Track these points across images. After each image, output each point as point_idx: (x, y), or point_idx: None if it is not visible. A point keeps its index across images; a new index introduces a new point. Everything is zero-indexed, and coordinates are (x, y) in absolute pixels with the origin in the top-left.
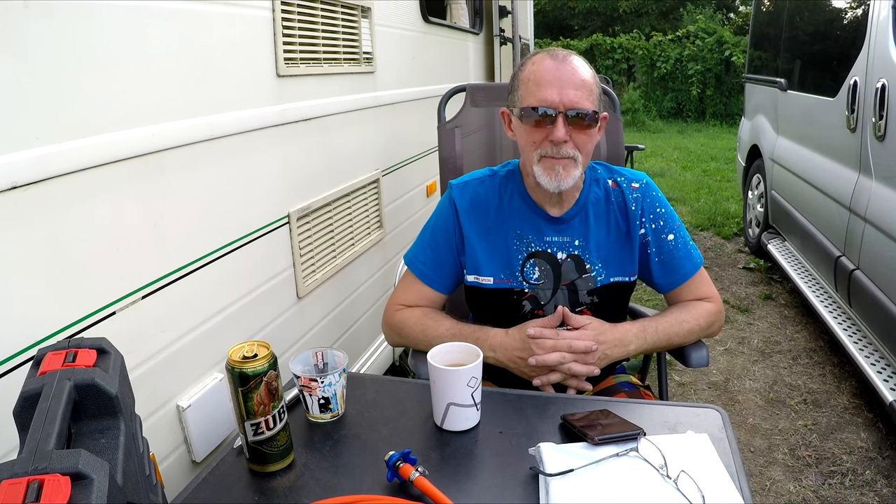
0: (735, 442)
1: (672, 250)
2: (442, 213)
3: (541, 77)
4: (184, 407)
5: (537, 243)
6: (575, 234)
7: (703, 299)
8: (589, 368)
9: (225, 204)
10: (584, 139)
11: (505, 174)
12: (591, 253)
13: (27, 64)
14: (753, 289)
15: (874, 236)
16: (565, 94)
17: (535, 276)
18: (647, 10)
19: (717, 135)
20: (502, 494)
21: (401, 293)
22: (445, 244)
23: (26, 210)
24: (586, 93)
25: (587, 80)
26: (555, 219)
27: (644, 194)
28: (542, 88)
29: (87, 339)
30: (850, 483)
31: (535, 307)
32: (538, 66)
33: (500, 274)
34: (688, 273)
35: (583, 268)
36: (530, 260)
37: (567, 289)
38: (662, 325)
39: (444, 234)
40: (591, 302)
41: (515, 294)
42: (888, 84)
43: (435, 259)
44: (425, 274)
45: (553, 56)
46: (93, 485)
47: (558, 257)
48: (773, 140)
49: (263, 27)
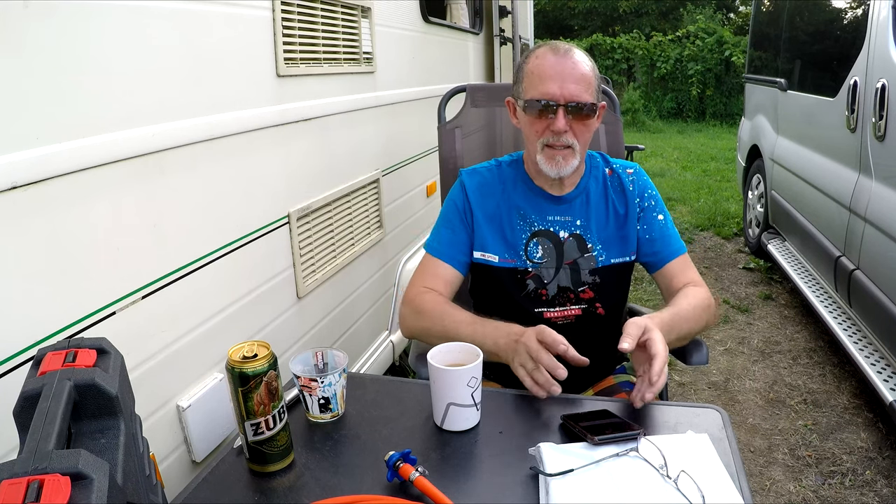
0: (735, 442)
1: (662, 228)
2: (454, 195)
3: (543, 71)
4: (184, 407)
5: (540, 222)
6: (576, 214)
7: (691, 283)
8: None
9: (225, 204)
10: (582, 129)
11: (508, 163)
12: (592, 233)
13: (27, 64)
14: (753, 289)
15: (874, 236)
16: (566, 87)
17: (539, 254)
18: (647, 10)
19: (717, 135)
20: (502, 494)
21: (419, 276)
22: (460, 221)
23: (26, 210)
24: (585, 86)
25: (587, 73)
26: (556, 198)
27: (638, 177)
28: (545, 82)
29: (87, 339)
30: (850, 483)
31: (539, 286)
32: (541, 59)
33: (505, 254)
34: (676, 251)
35: (584, 247)
36: (534, 239)
37: (569, 267)
38: (674, 314)
39: (456, 212)
40: (594, 282)
41: (519, 273)
42: (888, 84)
43: (450, 237)
44: (442, 252)
45: (555, 50)
46: (93, 485)
47: (560, 236)
48: (773, 140)
49: (263, 27)
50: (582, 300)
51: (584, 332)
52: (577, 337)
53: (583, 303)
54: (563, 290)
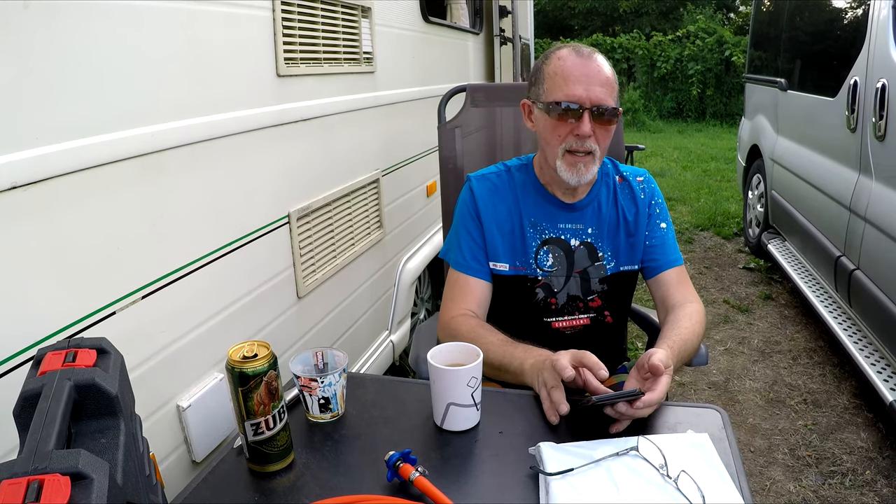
0: (735, 442)
1: (663, 236)
2: (464, 204)
3: (568, 73)
4: (184, 407)
5: (551, 230)
6: (588, 223)
7: (688, 301)
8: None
9: (225, 204)
10: (605, 134)
11: (518, 168)
12: (603, 241)
13: (27, 64)
14: (753, 289)
15: (874, 236)
16: (592, 90)
17: (549, 262)
18: (647, 10)
19: (717, 135)
20: (502, 494)
21: (451, 298)
22: (476, 230)
23: (26, 210)
24: (609, 90)
25: (610, 77)
26: (568, 206)
27: (647, 185)
28: (570, 84)
29: (87, 339)
30: (850, 483)
31: (549, 295)
32: (565, 61)
33: (516, 262)
34: (674, 260)
35: (595, 255)
36: (544, 247)
37: (579, 276)
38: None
39: (471, 220)
40: (602, 290)
41: (529, 281)
42: (888, 84)
43: (472, 247)
44: (469, 266)
45: (579, 53)
46: (93, 485)
47: (572, 244)
48: (773, 140)
49: (263, 27)
50: (591, 309)
51: (592, 341)
52: (584, 345)
53: (591, 311)
54: (573, 298)
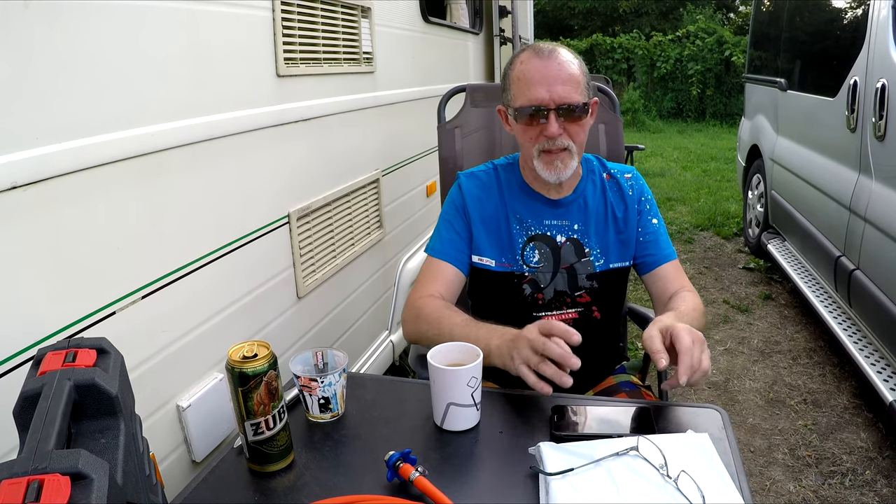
0: (735, 442)
1: (655, 232)
2: (452, 198)
3: (530, 77)
4: (184, 407)
5: (537, 226)
6: (574, 219)
7: (684, 288)
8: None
9: (225, 204)
10: (577, 129)
11: (504, 166)
12: (590, 238)
13: (27, 64)
14: (753, 289)
15: (874, 236)
16: (554, 90)
17: (535, 259)
18: (647, 10)
19: (717, 135)
20: (502, 494)
21: (422, 280)
22: (460, 222)
23: (26, 210)
24: (574, 86)
25: (574, 73)
26: (553, 202)
27: (636, 182)
28: (532, 88)
29: (87, 339)
30: (850, 483)
31: (535, 290)
32: (526, 65)
33: (501, 258)
34: (669, 255)
35: (582, 252)
36: (530, 243)
37: (566, 272)
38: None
39: (456, 213)
40: (591, 287)
41: (516, 278)
42: (888, 84)
43: (450, 238)
44: (444, 252)
45: (539, 54)
46: (93, 485)
47: (557, 240)
48: (773, 140)
49: (263, 27)
50: (578, 304)
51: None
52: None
53: (579, 307)
54: (560, 294)
